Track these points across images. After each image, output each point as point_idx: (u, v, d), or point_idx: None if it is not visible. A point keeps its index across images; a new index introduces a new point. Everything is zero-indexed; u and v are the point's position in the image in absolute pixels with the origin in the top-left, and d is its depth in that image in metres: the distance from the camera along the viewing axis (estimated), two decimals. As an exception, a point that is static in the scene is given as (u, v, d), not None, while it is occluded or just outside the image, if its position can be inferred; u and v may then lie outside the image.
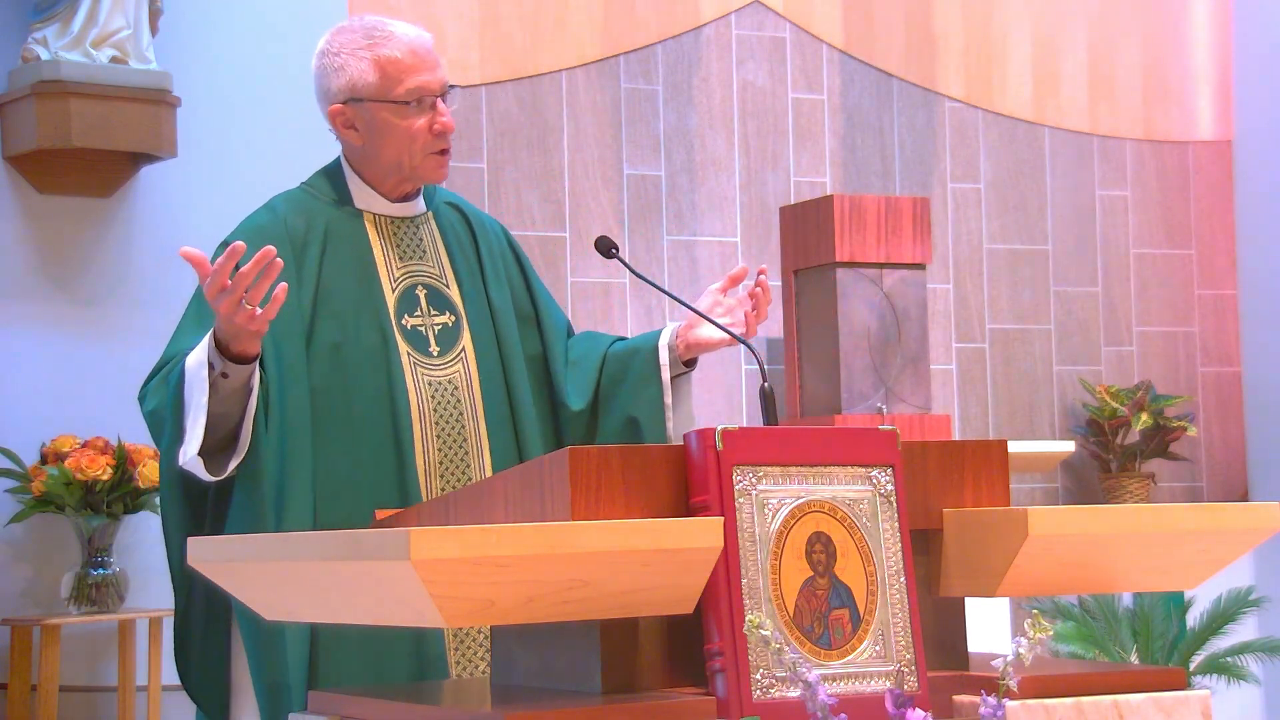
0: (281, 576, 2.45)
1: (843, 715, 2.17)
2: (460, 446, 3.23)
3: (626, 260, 3.40)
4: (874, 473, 2.43)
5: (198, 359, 3.01)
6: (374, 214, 3.31)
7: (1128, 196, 7.27)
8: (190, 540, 2.61)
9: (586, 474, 2.29)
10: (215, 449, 3.05)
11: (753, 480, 2.33)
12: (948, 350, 6.88)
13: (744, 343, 3.21)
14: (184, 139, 5.43)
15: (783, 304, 6.29)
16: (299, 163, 5.60)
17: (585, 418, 3.39)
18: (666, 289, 3.39)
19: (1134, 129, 7.30)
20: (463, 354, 3.28)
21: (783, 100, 6.72)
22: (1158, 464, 7.04)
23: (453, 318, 3.30)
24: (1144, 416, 6.82)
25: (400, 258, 3.30)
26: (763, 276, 3.29)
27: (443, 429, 3.22)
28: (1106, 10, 7.27)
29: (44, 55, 5.30)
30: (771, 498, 2.34)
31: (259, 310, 2.89)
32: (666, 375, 3.35)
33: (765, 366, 3.03)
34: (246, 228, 3.25)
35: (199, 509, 3.16)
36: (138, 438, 5.16)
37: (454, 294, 3.33)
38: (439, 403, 3.22)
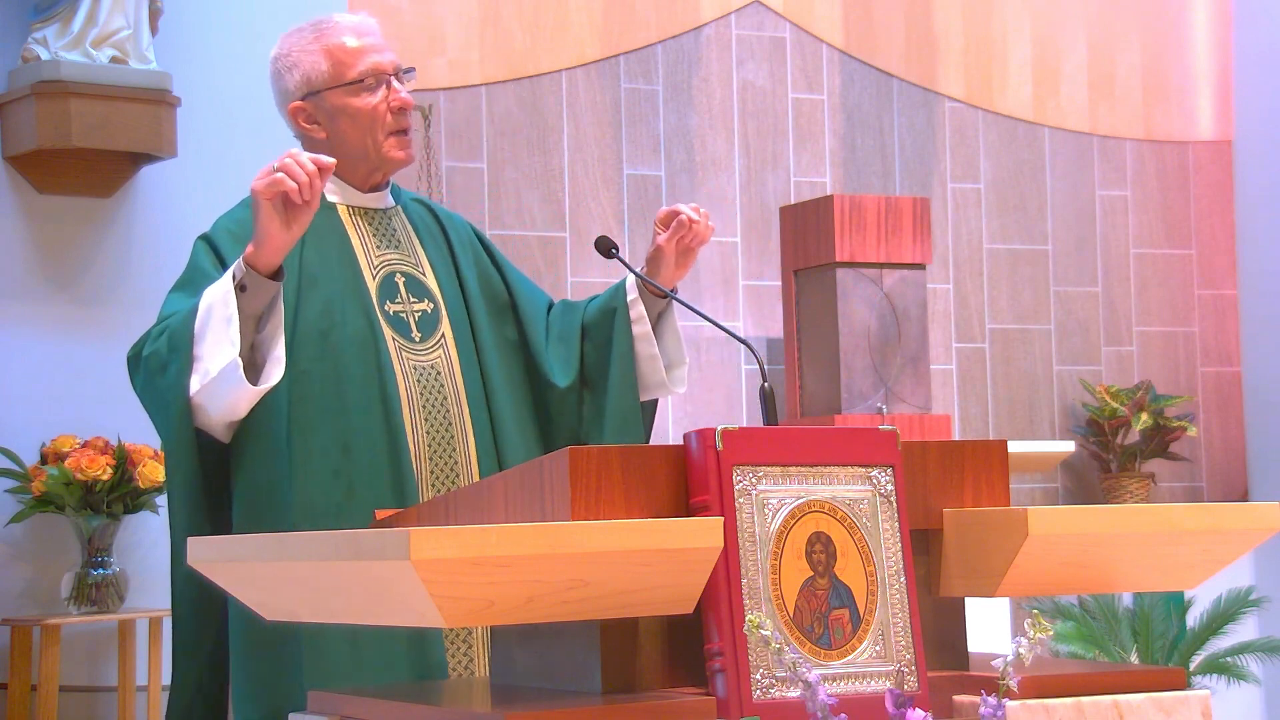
0: (281, 577, 2.44)
1: (843, 715, 2.17)
2: (446, 430, 3.27)
3: (626, 260, 3.41)
4: (874, 473, 2.42)
5: (219, 288, 3.04)
6: (348, 205, 3.36)
7: (1128, 196, 7.27)
8: (190, 540, 2.60)
9: (586, 474, 2.29)
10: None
11: (753, 480, 2.33)
12: (948, 350, 6.88)
13: (744, 342, 3.21)
14: (184, 139, 5.42)
15: (783, 304, 6.29)
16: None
17: (575, 392, 3.44)
18: (666, 289, 3.40)
19: (1134, 129, 7.30)
20: (443, 340, 3.33)
21: (783, 100, 6.72)
22: (1158, 464, 7.04)
23: (431, 305, 3.35)
24: (1144, 416, 6.82)
25: (377, 246, 3.35)
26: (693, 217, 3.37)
27: (429, 412, 3.26)
28: (1106, 10, 7.27)
29: (44, 55, 5.30)
30: (771, 498, 2.34)
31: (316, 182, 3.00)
32: (645, 328, 3.42)
33: (765, 366, 3.04)
34: (229, 221, 3.28)
35: (212, 484, 3.16)
36: (138, 438, 5.16)
37: (431, 282, 3.37)
38: (424, 386, 3.27)
